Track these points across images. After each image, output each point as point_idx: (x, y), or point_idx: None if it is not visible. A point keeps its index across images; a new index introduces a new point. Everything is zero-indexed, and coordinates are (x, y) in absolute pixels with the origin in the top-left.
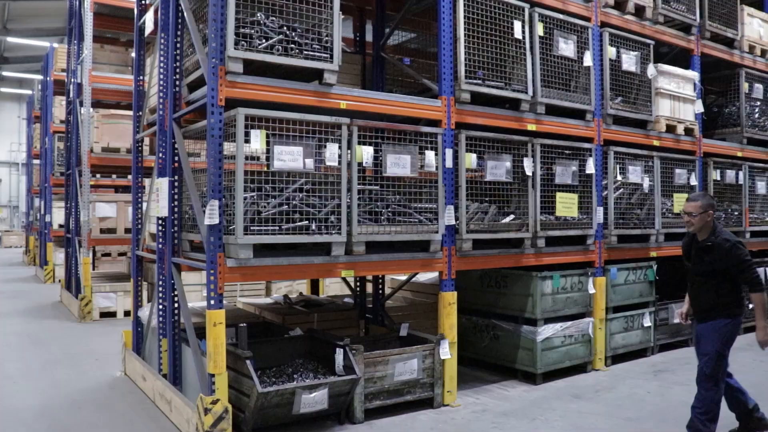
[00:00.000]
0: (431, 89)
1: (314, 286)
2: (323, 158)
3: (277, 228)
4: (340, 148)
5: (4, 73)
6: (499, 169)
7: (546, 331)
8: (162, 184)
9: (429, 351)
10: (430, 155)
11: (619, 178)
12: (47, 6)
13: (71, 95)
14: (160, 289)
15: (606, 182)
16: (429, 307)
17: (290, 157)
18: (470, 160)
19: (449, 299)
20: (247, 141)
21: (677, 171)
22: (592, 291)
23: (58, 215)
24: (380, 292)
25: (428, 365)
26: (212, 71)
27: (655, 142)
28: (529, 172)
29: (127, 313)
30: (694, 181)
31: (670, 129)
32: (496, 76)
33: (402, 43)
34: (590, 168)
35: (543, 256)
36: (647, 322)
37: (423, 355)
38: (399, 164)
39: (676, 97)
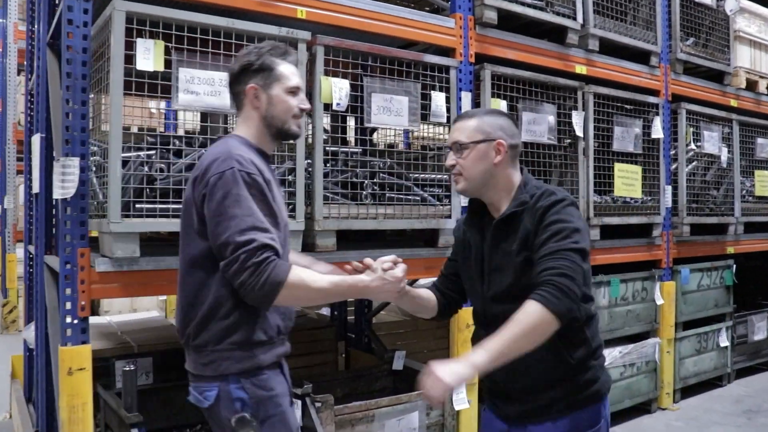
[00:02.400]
0: (443, 10)
1: None
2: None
3: None
4: None
5: None
6: (539, 125)
7: None
8: (34, 144)
9: None
10: (438, 99)
11: (693, 146)
12: None
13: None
14: (38, 300)
15: (674, 152)
16: (434, 324)
17: (208, 89)
18: (498, 107)
19: (467, 318)
20: (130, 57)
21: (759, 141)
22: (660, 301)
23: None
24: (365, 302)
25: (436, 420)
26: None
27: (733, 102)
28: (579, 132)
29: None
30: None
31: (750, 86)
32: None
33: None
34: (657, 131)
35: (596, 253)
36: (724, 340)
37: (427, 404)
38: (391, 109)
39: (758, 44)
